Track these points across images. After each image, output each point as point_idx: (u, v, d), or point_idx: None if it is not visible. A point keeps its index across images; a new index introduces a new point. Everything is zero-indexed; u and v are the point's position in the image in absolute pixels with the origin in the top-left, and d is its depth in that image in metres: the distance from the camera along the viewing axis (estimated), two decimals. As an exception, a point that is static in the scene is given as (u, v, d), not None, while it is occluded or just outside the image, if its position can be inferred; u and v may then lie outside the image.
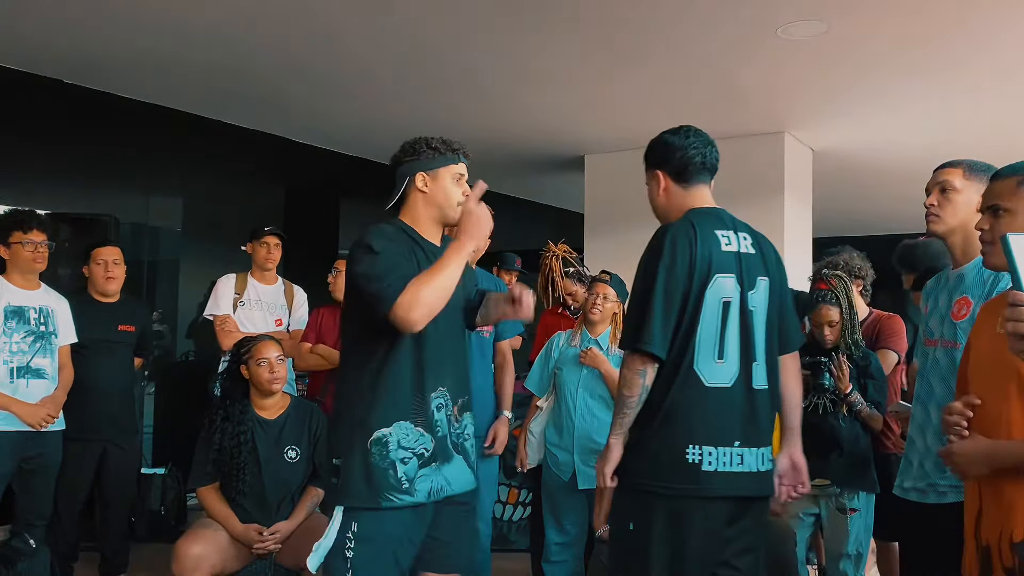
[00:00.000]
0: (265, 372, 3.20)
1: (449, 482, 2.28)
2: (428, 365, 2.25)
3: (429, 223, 2.36)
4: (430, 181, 2.33)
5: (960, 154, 2.68)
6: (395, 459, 2.20)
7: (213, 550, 3.05)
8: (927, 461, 2.33)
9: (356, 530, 2.17)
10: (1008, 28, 4.19)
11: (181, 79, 5.18)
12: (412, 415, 2.23)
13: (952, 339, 2.30)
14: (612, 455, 2.24)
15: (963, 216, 2.33)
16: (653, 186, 2.43)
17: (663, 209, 2.42)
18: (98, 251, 4.06)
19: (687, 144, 2.37)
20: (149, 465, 5.31)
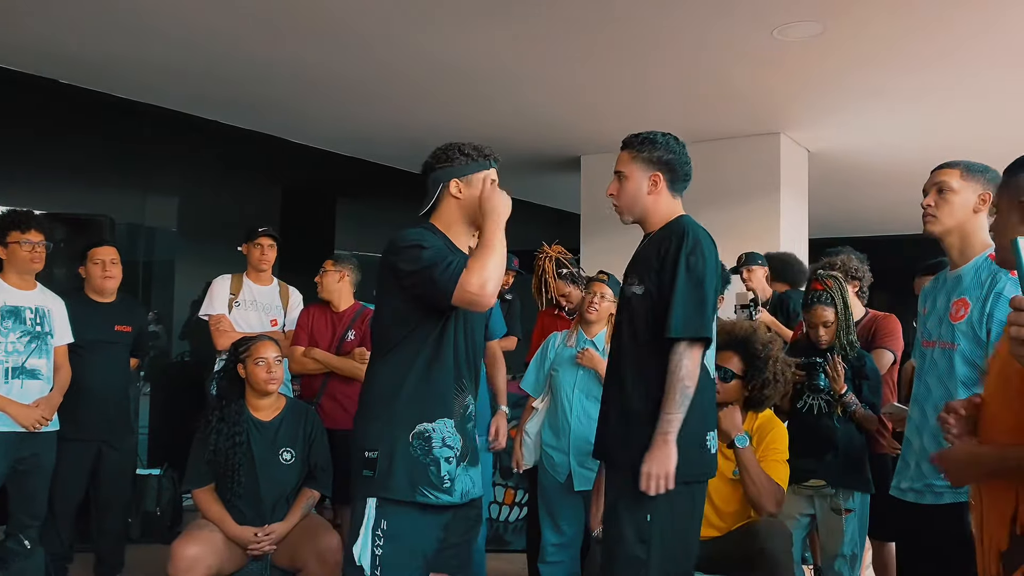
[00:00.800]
0: (263, 372, 3.20)
1: (475, 484, 2.34)
2: (464, 367, 2.32)
3: (461, 229, 2.38)
4: (464, 187, 2.34)
5: (955, 155, 2.68)
6: (439, 456, 2.23)
7: (209, 551, 3.05)
8: (924, 462, 2.33)
9: (386, 527, 2.18)
10: (1002, 28, 4.20)
11: (178, 80, 5.18)
12: (453, 413, 2.28)
13: (950, 340, 2.29)
14: (675, 455, 2.23)
15: (960, 217, 2.33)
16: (643, 183, 2.43)
17: (645, 209, 2.45)
18: (95, 251, 4.05)
19: (686, 157, 2.47)
20: (145, 466, 5.29)
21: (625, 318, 2.42)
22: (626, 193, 2.46)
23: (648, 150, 2.43)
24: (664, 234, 2.40)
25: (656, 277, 2.35)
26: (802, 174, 6.68)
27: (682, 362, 2.25)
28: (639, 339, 2.36)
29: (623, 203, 2.47)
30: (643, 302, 2.36)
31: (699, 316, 2.27)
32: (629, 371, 2.38)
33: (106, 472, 4.00)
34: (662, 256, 2.34)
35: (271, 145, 6.51)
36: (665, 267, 2.32)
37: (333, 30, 4.39)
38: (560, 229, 5.07)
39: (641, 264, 2.43)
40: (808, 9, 4.04)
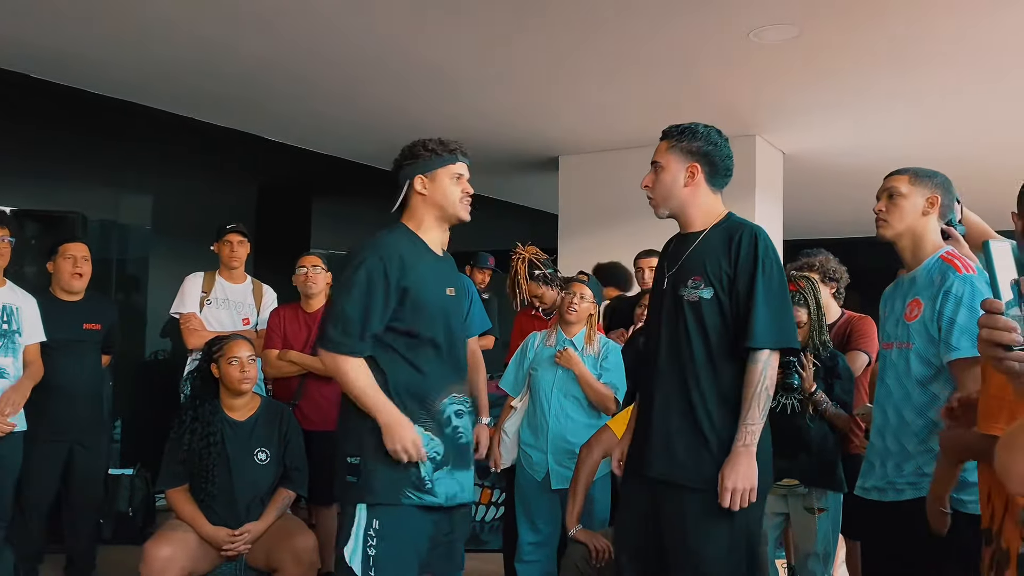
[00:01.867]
0: (236, 371, 3.18)
1: (463, 488, 2.33)
2: (438, 371, 2.29)
3: (430, 225, 2.39)
4: (428, 183, 2.36)
5: (929, 157, 2.73)
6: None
7: (182, 552, 3.02)
8: (888, 462, 2.38)
9: (378, 527, 2.20)
10: (977, 33, 4.26)
11: (151, 75, 5.12)
12: (421, 419, 2.26)
13: (906, 340, 2.36)
14: (755, 466, 2.18)
15: (910, 220, 2.42)
16: (680, 175, 2.35)
17: (681, 203, 2.36)
18: (66, 246, 3.99)
19: (728, 151, 2.40)
20: (117, 466, 5.23)
21: (689, 323, 2.27)
22: (662, 184, 2.36)
23: (687, 140, 2.36)
24: (725, 233, 2.30)
25: (728, 280, 2.24)
26: (777, 176, 6.74)
27: (767, 371, 2.19)
28: (713, 348, 2.25)
29: (658, 195, 2.38)
30: (713, 307, 2.25)
31: (786, 323, 2.23)
32: (702, 382, 2.24)
33: (77, 472, 3.95)
34: (734, 257, 2.24)
35: (246, 142, 6.45)
36: (741, 270, 2.23)
37: (309, 27, 4.36)
38: (537, 229, 5.09)
39: (704, 265, 2.28)
40: (784, 12, 4.07)
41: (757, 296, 2.20)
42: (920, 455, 2.29)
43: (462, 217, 2.40)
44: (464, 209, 2.40)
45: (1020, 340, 1.26)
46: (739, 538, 2.22)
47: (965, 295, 2.23)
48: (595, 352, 3.55)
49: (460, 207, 2.38)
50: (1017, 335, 1.26)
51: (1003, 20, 4.10)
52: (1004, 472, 1.18)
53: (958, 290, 2.24)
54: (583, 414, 3.50)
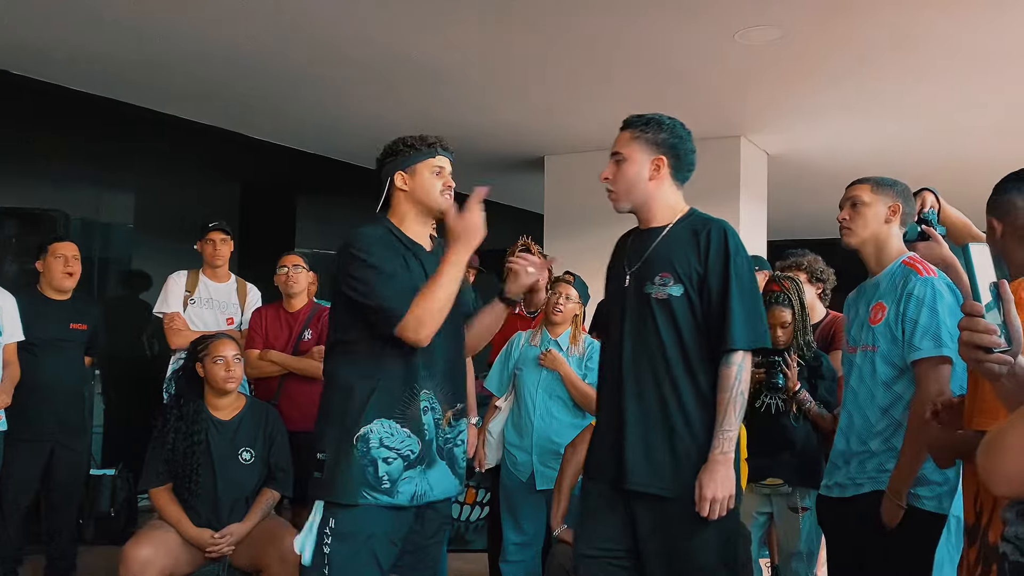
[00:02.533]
0: (221, 370, 3.16)
1: (432, 487, 2.27)
2: (419, 366, 2.24)
3: (414, 221, 2.36)
4: (409, 178, 2.33)
5: (911, 159, 2.76)
6: (377, 457, 2.19)
7: (163, 552, 3.00)
8: (852, 460, 2.42)
9: (333, 526, 2.18)
10: (961, 35, 4.30)
11: (134, 73, 5.09)
12: (398, 415, 2.22)
13: (870, 343, 2.41)
14: (733, 473, 2.10)
15: (873, 228, 2.46)
16: (644, 166, 2.24)
17: (645, 197, 2.26)
18: (57, 245, 3.96)
19: (692, 145, 2.32)
20: (98, 466, 5.19)
21: (660, 322, 2.16)
22: (624, 177, 2.25)
23: (653, 131, 2.26)
24: (691, 228, 2.21)
25: (698, 277, 2.15)
26: (761, 177, 6.77)
27: (742, 374, 2.10)
28: (688, 349, 2.15)
29: (619, 188, 2.26)
30: (684, 305, 2.15)
31: (760, 323, 2.16)
32: (680, 385, 2.15)
33: (58, 473, 3.92)
34: (703, 254, 2.16)
35: (230, 140, 6.42)
36: (712, 267, 2.14)
37: (294, 25, 4.34)
38: (523, 229, 5.06)
39: (671, 261, 2.19)
40: (769, 14, 4.09)
41: (731, 295, 2.12)
42: (883, 453, 2.34)
43: (443, 207, 2.31)
44: (445, 199, 2.33)
45: (1000, 343, 1.27)
46: (728, 545, 2.17)
47: (927, 297, 2.28)
48: (580, 352, 3.55)
49: (441, 198, 2.32)
50: (996, 338, 1.27)
51: (987, 24, 4.14)
52: (986, 474, 1.18)
53: (920, 292, 2.30)
54: (568, 414, 3.51)
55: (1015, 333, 1.28)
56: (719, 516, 2.08)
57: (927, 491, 2.26)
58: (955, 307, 2.25)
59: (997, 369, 1.30)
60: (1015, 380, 1.31)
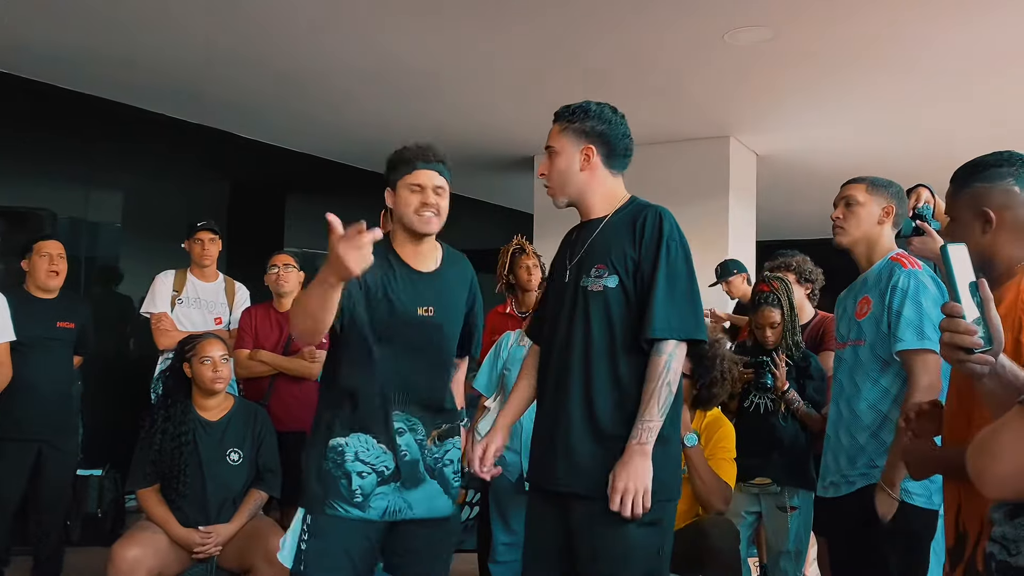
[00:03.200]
0: (208, 371, 3.14)
1: (411, 506, 2.26)
2: (394, 385, 2.24)
3: (403, 240, 2.31)
4: (393, 196, 2.29)
5: (902, 159, 2.78)
6: (351, 471, 2.21)
7: (150, 553, 2.98)
8: (840, 456, 2.45)
9: (309, 523, 2.22)
10: (949, 36, 4.32)
11: (123, 71, 5.06)
12: (374, 431, 2.23)
13: (857, 337, 2.44)
14: (650, 467, 1.98)
15: (866, 228, 2.49)
16: (574, 158, 2.16)
17: (579, 188, 2.17)
18: (42, 244, 3.93)
19: (624, 129, 2.21)
20: (85, 466, 5.16)
21: (593, 315, 2.07)
22: (556, 170, 2.18)
23: (579, 120, 2.17)
24: (629, 217, 2.13)
25: (633, 265, 2.06)
26: (750, 177, 6.79)
27: (670, 365, 2.00)
28: (617, 340, 2.05)
29: (554, 182, 2.19)
30: (619, 296, 2.06)
31: (692, 312, 2.04)
32: (606, 377, 2.05)
33: (46, 473, 3.89)
34: (638, 240, 2.06)
35: (219, 139, 6.39)
36: (644, 254, 2.05)
37: (283, 25, 4.33)
38: (513, 228, 5.06)
39: (608, 252, 2.10)
40: (759, 15, 4.10)
41: (658, 281, 2.02)
42: (872, 448, 2.37)
43: (417, 229, 2.25)
44: (421, 221, 2.23)
45: (980, 343, 1.28)
46: (654, 558, 2.04)
47: (910, 288, 2.31)
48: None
49: (415, 219, 2.23)
50: (977, 338, 1.28)
51: (974, 26, 4.16)
52: (977, 476, 1.18)
53: (903, 284, 2.33)
54: (557, 414, 3.50)
55: (995, 333, 1.29)
56: (638, 512, 1.96)
57: (917, 486, 2.27)
58: (939, 299, 2.27)
59: (979, 369, 1.31)
60: (997, 380, 1.31)
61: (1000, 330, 1.30)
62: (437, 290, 2.33)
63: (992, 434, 1.17)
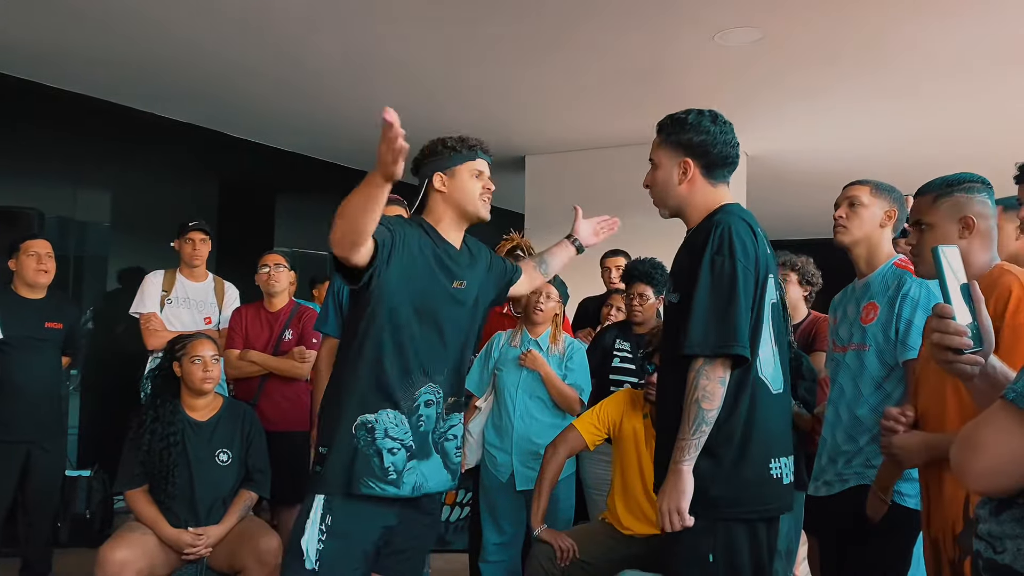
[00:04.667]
0: (199, 370, 3.13)
1: (427, 478, 2.26)
2: (419, 355, 2.22)
3: (450, 223, 2.34)
4: (448, 180, 2.31)
5: (890, 160, 2.80)
6: (383, 448, 2.18)
7: (139, 554, 2.96)
8: (839, 458, 2.47)
9: (330, 523, 2.16)
10: (939, 36, 4.34)
11: (111, 69, 5.04)
12: (402, 405, 2.21)
13: (861, 342, 2.45)
14: (687, 487, 1.95)
15: (868, 230, 2.52)
16: (672, 172, 2.15)
17: (679, 202, 2.16)
18: (30, 243, 3.91)
19: (725, 137, 2.16)
20: (74, 467, 5.13)
21: (669, 333, 2.11)
22: (657, 183, 2.19)
23: (677, 132, 2.14)
24: (696, 232, 2.12)
25: (687, 282, 2.05)
26: (740, 177, 6.80)
27: (698, 381, 1.95)
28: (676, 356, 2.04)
29: (656, 195, 2.21)
30: (679, 313, 2.05)
31: (722, 328, 1.95)
32: (673, 392, 2.04)
33: (35, 475, 3.87)
34: (692, 258, 2.05)
35: (209, 138, 6.37)
36: (692, 268, 2.03)
37: (271, 23, 4.31)
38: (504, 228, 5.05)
39: (677, 269, 2.13)
40: (748, 15, 4.11)
41: (696, 299, 1.98)
42: (870, 449, 2.38)
43: (481, 215, 2.35)
44: (484, 207, 2.34)
45: (969, 344, 1.29)
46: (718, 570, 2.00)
47: (921, 298, 2.34)
48: (560, 351, 3.55)
49: (480, 204, 2.33)
50: (966, 339, 1.29)
51: (964, 26, 4.18)
52: (960, 470, 1.20)
53: (915, 293, 2.35)
54: (548, 415, 3.50)
55: (986, 334, 1.30)
56: (677, 527, 1.97)
57: (911, 488, 2.29)
58: None
59: (968, 370, 1.31)
60: (986, 380, 1.32)
61: (991, 331, 1.31)
62: (469, 266, 2.39)
63: (974, 428, 1.18)
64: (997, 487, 1.19)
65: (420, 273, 2.22)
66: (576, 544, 3.04)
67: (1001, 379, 1.31)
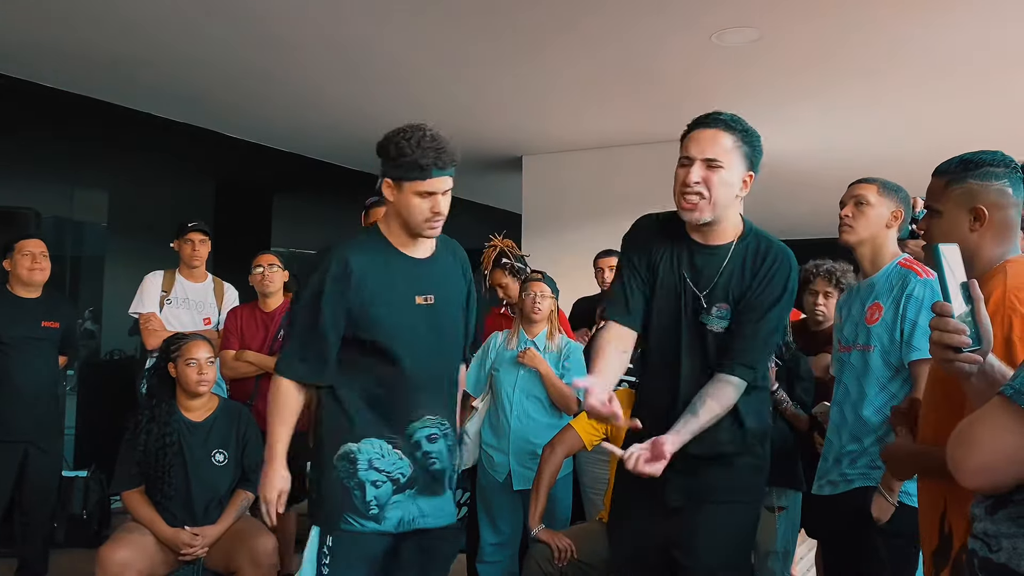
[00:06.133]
0: (193, 373, 3.12)
1: (424, 514, 2.15)
2: (413, 387, 2.11)
3: (400, 232, 2.16)
4: (395, 191, 2.10)
5: (888, 160, 2.79)
6: (365, 480, 2.07)
7: (139, 555, 2.97)
8: (844, 459, 2.46)
9: (331, 545, 2.08)
10: (935, 36, 4.34)
11: (108, 69, 5.02)
12: (389, 435, 2.10)
13: (866, 342, 2.44)
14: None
15: (874, 229, 2.49)
16: (738, 180, 2.09)
17: (727, 210, 2.11)
18: (23, 243, 3.91)
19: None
20: (71, 467, 5.12)
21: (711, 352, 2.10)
22: (723, 187, 2.04)
23: (752, 144, 2.11)
24: (752, 251, 2.12)
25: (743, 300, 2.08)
26: (738, 177, 6.81)
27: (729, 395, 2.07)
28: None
29: (718, 198, 2.04)
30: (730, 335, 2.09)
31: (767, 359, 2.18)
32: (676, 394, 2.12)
33: (32, 475, 3.86)
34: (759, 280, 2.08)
35: (206, 138, 6.36)
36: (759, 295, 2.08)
37: (271, 23, 4.31)
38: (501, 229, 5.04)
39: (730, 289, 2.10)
40: (745, 15, 4.11)
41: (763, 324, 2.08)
42: (875, 451, 2.37)
43: (425, 235, 2.15)
44: (429, 230, 2.13)
45: (969, 342, 1.29)
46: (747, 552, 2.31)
47: (926, 298, 2.32)
48: (556, 349, 3.55)
49: (424, 226, 2.11)
50: (966, 337, 1.29)
51: (961, 26, 4.18)
52: (955, 467, 1.20)
53: (920, 293, 2.34)
54: (545, 415, 3.50)
55: (985, 332, 1.30)
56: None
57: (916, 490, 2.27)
58: None
59: (967, 368, 1.31)
60: (985, 379, 1.32)
61: (989, 330, 1.31)
62: (435, 277, 2.21)
63: (970, 425, 1.18)
64: (993, 484, 1.19)
65: (390, 304, 2.10)
66: (574, 544, 3.03)
67: (999, 377, 1.31)
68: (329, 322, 2.08)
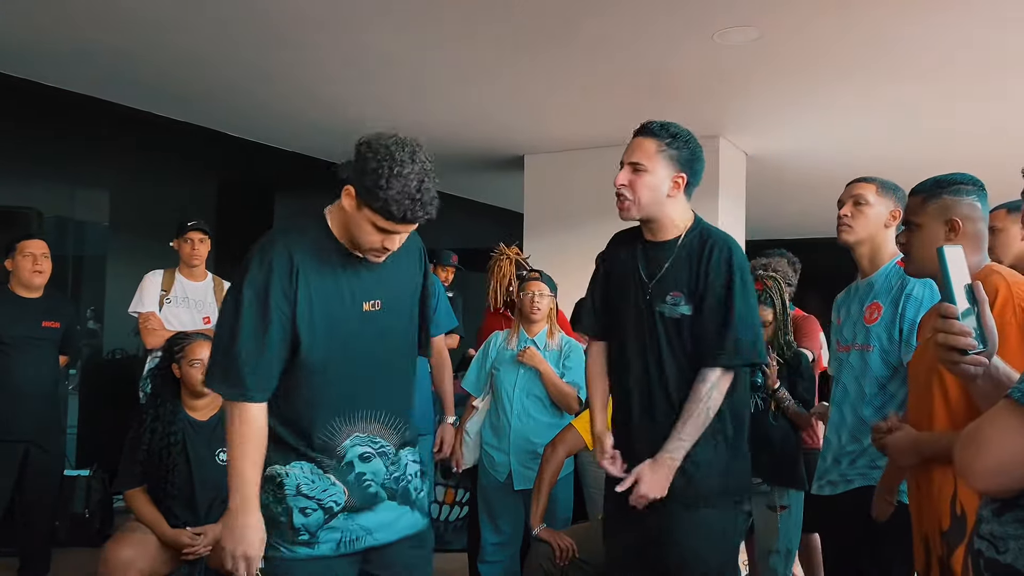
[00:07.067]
0: (197, 373, 3.13)
1: (370, 531, 1.94)
2: (346, 403, 1.91)
3: (347, 233, 1.93)
4: (353, 206, 1.86)
5: (888, 160, 2.79)
6: (293, 506, 1.89)
7: (143, 554, 2.98)
8: (843, 458, 2.46)
9: (263, 568, 1.92)
10: (935, 36, 4.34)
11: (110, 69, 5.02)
12: (317, 459, 1.90)
13: (865, 342, 2.44)
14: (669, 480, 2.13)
15: (872, 229, 2.50)
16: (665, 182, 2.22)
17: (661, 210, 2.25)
18: (25, 243, 3.92)
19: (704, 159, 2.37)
20: (73, 466, 5.12)
21: (663, 342, 2.19)
22: (646, 189, 2.19)
23: (679, 147, 2.21)
24: (698, 242, 2.22)
25: (700, 295, 2.16)
26: (740, 177, 6.81)
27: (720, 387, 2.14)
28: (685, 368, 2.18)
29: (641, 198, 2.20)
30: (688, 324, 2.17)
31: (759, 341, 2.19)
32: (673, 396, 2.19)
33: (33, 474, 3.87)
34: (705, 270, 2.17)
35: (207, 138, 6.36)
36: (712, 285, 2.15)
37: (271, 22, 4.31)
38: (503, 228, 5.04)
39: (682, 278, 2.19)
40: (747, 15, 4.11)
41: (737, 312, 2.14)
42: (874, 450, 2.36)
43: (368, 259, 1.94)
44: (373, 256, 1.91)
45: (974, 344, 1.28)
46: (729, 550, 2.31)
47: (924, 298, 2.33)
48: (556, 348, 3.55)
49: (368, 253, 1.91)
50: (971, 339, 1.28)
51: (961, 27, 4.18)
52: (964, 469, 1.20)
53: (918, 293, 2.34)
54: (546, 414, 3.51)
55: (990, 334, 1.30)
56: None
57: None
58: None
59: (972, 371, 1.31)
60: (990, 381, 1.32)
61: (994, 331, 1.31)
62: (382, 277, 1.99)
63: (977, 428, 1.18)
64: (1001, 486, 1.19)
65: (323, 310, 1.89)
66: (575, 543, 3.04)
67: (1004, 379, 1.31)
68: (277, 326, 1.84)
